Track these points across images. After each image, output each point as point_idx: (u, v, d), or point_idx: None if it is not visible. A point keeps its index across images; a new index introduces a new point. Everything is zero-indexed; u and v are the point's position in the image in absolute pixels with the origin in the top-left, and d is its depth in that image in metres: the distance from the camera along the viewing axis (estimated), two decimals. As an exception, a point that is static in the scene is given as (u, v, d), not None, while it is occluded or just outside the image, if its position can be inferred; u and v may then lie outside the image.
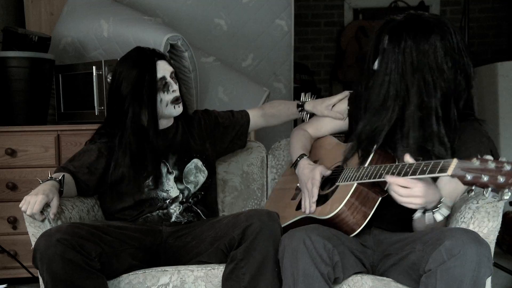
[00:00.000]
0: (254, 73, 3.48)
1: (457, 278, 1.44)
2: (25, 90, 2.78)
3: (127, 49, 2.15)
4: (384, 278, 1.69)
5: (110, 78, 2.63)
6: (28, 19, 3.33)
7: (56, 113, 2.95)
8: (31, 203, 1.76)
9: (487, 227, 1.63)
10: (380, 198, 1.70)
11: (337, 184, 1.80)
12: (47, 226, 1.82)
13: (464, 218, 1.65)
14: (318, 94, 4.92)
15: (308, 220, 1.82)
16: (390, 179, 1.52)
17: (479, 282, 1.46)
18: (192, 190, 2.09)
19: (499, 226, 1.65)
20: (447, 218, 1.69)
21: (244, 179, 2.40)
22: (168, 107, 2.08)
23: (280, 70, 3.56)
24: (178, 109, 2.11)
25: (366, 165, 1.72)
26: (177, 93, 2.10)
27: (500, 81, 3.87)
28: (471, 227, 1.63)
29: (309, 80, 5.12)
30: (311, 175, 1.88)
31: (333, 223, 1.71)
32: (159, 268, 1.83)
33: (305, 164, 1.95)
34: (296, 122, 4.02)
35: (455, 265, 1.44)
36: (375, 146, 1.74)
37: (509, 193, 1.36)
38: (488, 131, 1.75)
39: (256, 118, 2.31)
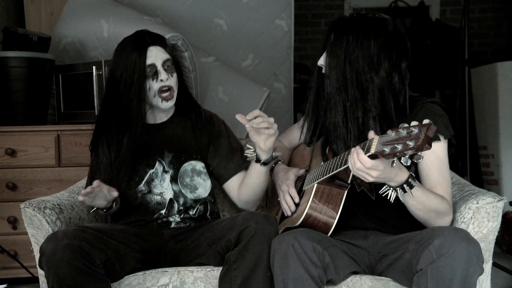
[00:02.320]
0: (254, 73, 3.48)
1: (447, 277, 1.45)
2: (25, 90, 2.78)
3: (127, 49, 2.13)
4: (383, 277, 1.69)
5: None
6: (28, 19, 3.33)
7: (56, 113, 2.95)
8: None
9: (487, 227, 1.63)
10: (345, 192, 1.72)
11: (304, 189, 1.83)
12: (45, 227, 1.82)
13: (464, 218, 1.65)
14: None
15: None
16: (352, 159, 1.53)
17: (469, 281, 1.46)
18: (190, 196, 2.01)
19: (499, 226, 1.66)
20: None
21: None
22: (156, 98, 1.96)
23: (280, 70, 3.56)
24: (166, 104, 1.97)
25: (322, 163, 1.76)
26: (166, 83, 1.95)
27: (500, 81, 3.87)
28: (470, 228, 1.63)
29: (309, 80, 5.12)
30: (285, 177, 1.91)
31: (306, 227, 1.72)
32: (159, 269, 1.83)
33: (280, 168, 1.98)
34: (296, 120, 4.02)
35: (445, 264, 1.45)
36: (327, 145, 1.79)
37: (422, 156, 1.38)
38: (441, 109, 1.77)
39: (235, 181, 2.06)
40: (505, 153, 3.88)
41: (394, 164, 1.43)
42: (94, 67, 2.69)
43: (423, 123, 1.38)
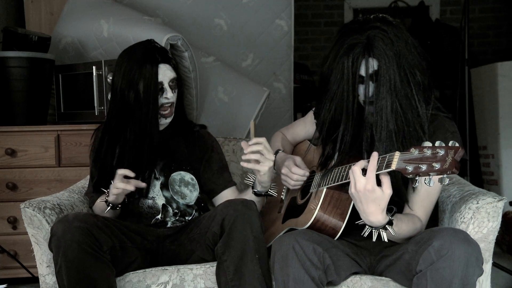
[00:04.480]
0: (254, 73, 3.49)
1: (446, 279, 1.44)
2: (25, 90, 2.78)
3: (127, 49, 2.12)
4: (383, 278, 1.69)
5: (110, 77, 2.62)
6: (28, 19, 3.34)
7: (56, 113, 2.95)
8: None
9: (487, 227, 1.63)
10: None
11: (310, 191, 1.82)
12: (45, 227, 1.82)
13: (464, 218, 1.65)
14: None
15: None
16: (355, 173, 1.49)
17: (468, 282, 1.45)
18: (181, 201, 2.03)
19: (499, 226, 1.66)
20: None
21: (244, 179, 2.39)
22: None
23: (280, 70, 3.56)
24: (164, 120, 2.03)
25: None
26: (168, 100, 2.00)
27: (500, 81, 3.87)
28: (470, 228, 1.63)
29: (309, 80, 5.11)
30: (289, 157, 1.88)
31: (314, 230, 1.71)
32: (159, 267, 1.84)
33: (281, 156, 1.97)
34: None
35: (444, 265, 1.44)
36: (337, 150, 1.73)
37: (447, 179, 1.35)
38: (455, 125, 1.72)
39: (225, 196, 2.08)
40: (505, 153, 3.88)
41: (417, 184, 1.41)
42: (94, 67, 2.69)
43: (450, 145, 1.34)
